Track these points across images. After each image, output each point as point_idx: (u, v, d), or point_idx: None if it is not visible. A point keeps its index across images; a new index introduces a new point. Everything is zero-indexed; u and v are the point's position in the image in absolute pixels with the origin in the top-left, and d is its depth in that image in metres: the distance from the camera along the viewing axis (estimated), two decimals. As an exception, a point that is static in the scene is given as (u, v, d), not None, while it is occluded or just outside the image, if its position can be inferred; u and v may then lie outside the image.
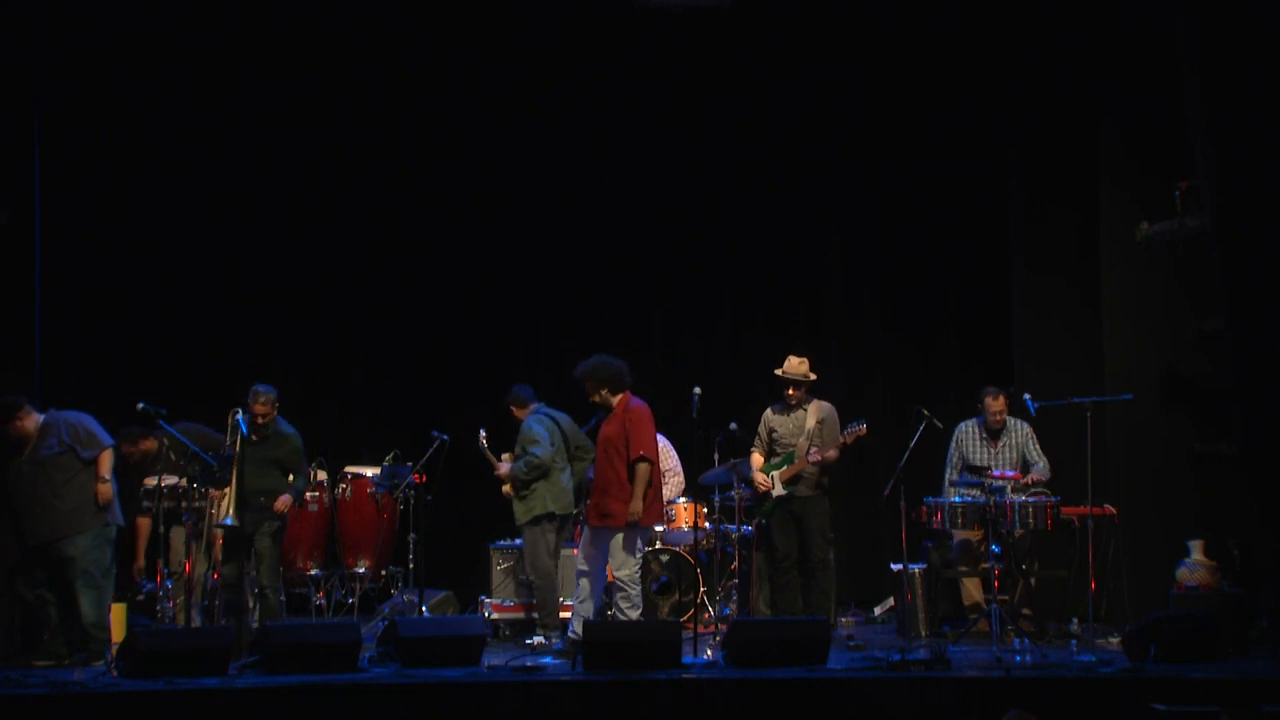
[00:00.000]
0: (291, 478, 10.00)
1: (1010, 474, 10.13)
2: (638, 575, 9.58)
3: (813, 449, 10.19)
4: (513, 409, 10.49)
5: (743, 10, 11.35)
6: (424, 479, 10.43)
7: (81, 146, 11.30)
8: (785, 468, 10.25)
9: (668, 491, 10.89)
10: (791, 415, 10.37)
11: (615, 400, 9.67)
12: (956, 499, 10.07)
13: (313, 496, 10.66)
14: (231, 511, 9.48)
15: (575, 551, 10.63)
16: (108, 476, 9.40)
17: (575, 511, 10.33)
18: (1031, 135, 11.54)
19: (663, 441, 10.81)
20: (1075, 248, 11.29)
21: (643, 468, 9.42)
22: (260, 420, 9.80)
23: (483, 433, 10.67)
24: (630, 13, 11.23)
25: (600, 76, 12.16)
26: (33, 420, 9.37)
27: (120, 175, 11.63)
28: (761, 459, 10.47)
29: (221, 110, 11.80)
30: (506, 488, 10.56)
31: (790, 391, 10.33)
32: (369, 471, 10.90)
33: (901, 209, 12.40)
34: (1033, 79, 11.43)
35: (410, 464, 10.53)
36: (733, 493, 10.68)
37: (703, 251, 12.54)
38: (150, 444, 10.02)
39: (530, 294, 12.46)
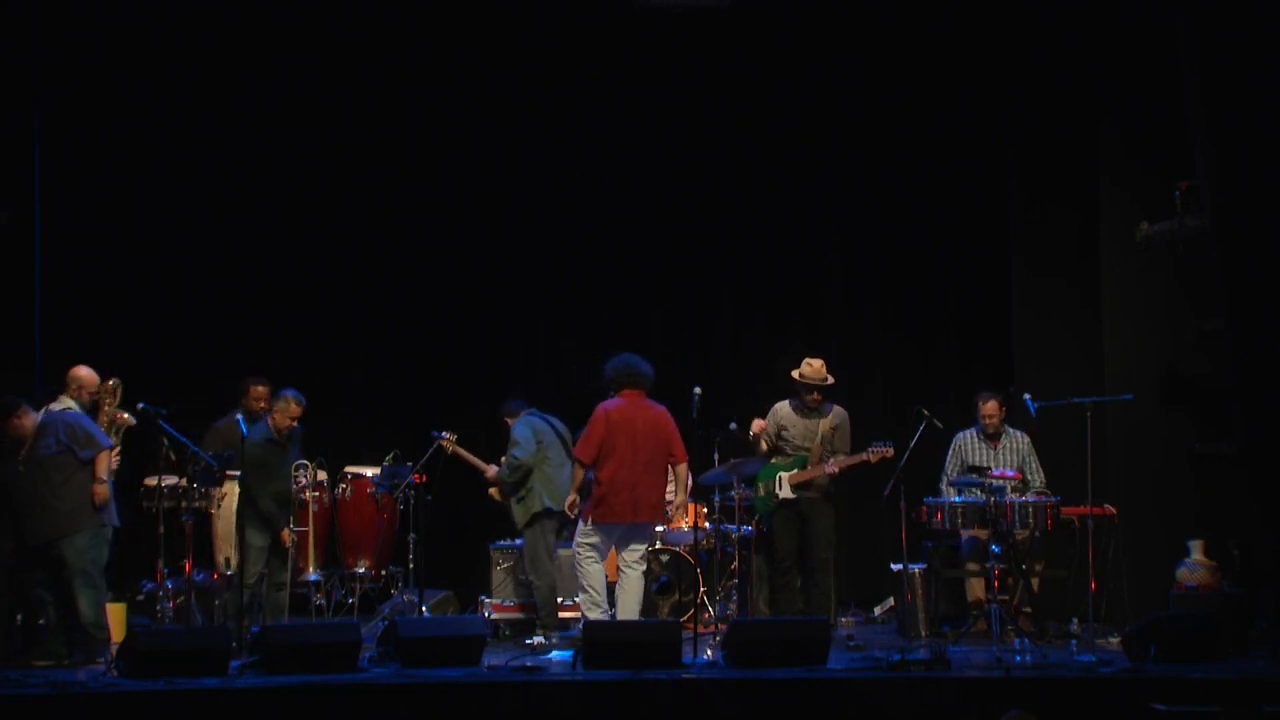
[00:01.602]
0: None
1: (1010, 474, 10.13)
2: (582, 569, 9.63)
3: (831, 459, 10.18)
4: (506, 420, 10.60)
5: (743, 10, 11.35)
6: (424, 479, 10.44)
7: (81, 146, 11.30)
8: (796, 471, 10.24)
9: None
10: (808, 418, 10.33)
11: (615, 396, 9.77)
12: (957, 499, 10.08)
13: (313, 497, 10.65)
14: (313, 568, 10.03)
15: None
16: (105, 477, 9.38)
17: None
18: (1031, 135, 11.54)
19: None
20: (1075, 248, 11.28)
21: (685, 468, 9.68)
22: (293, 423, 9.85)
23: (444, 434, 10.69)
24: (630, 13, 11.23)
25: (600, 76, 12.15)
26: (30, 419, 9.36)
27: (120, 175, 11.62)
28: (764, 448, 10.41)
29: (221, 110, 11.80)
30: (493, 491, 10.60)
31: (814, 396, 10.29)
32: (369, 471, 10.90)
33: (901, 209, 12.40)
34: (1033, 79, 11.43)
35: (410, 464, 10.53)
36: (733, 493, 10.67)
37: (703, 251, 12.54)
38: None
39: (530, 294, 12.46)
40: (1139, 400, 10.31)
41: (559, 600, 10.33)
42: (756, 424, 10.62)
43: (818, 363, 10.31)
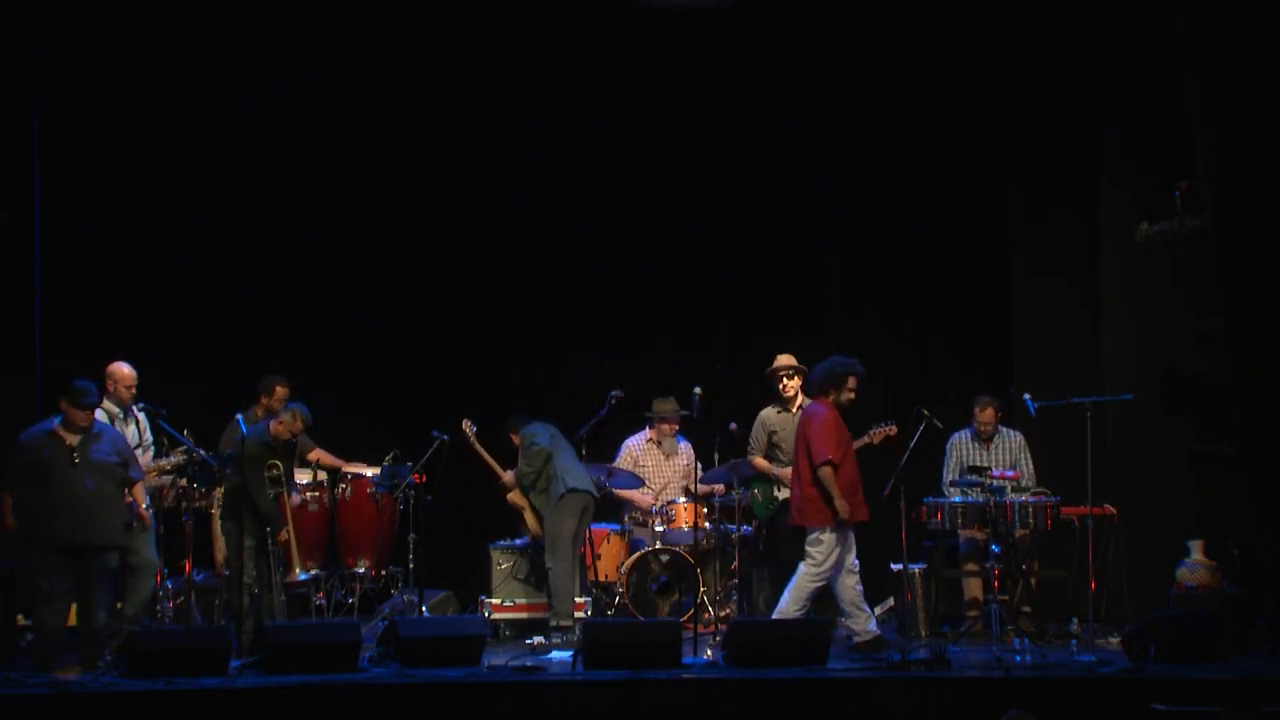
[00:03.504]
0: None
1: (1010, 474, 10.14)
2: (844, 582, 9.46)
3: None
4: (512, 436, 10.76)
5: (743, 10, 11.35)
6: (424, 479, 10.44)
7: (81, 146, 11.29)
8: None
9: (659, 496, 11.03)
10: (792, 419, 10.35)
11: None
12: (957, 499, 10.08)
13: (313, 496, 10.65)
14: (299, 566, 9.81)
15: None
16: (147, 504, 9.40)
17: (596, 495, 10.55)
18: (1031, 135, 11.55)
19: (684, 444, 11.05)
20: (1075, 248, 11.29)
21: (824, 471, 9.36)
22: (292, 438, 9.88)
23: (468, 424, 10.72)
24: (630, 13, 11.23)
25: (600, 76, 12.15)
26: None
27: (120, 175, 11.61)
28: (768, 463, 10.44)
29: (221, 110, 11.79)
30: (513, 495, 10.61)
31: (788, 385, 10.31)
32: (369, 471, 10.90)
33: (901, 209, 12.39)
34: (1033, 79, 11.43)
35: (410, 464, 10.53)
36: (733, 493, 10.67)
37: (703, 251, 12.53)
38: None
39: (530, 294, 12.45)
40: (1139, 400, 10.32)
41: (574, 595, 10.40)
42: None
43: (782, 356, 10.39)
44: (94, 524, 8.97)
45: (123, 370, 9.74)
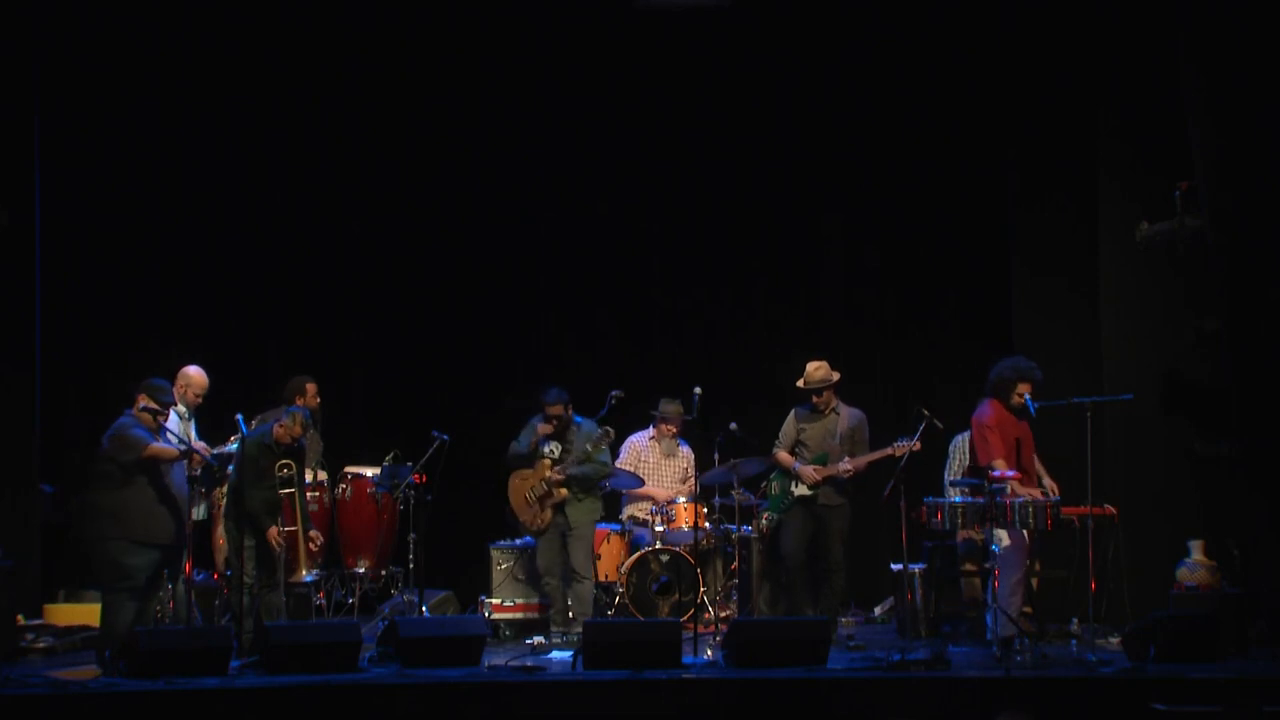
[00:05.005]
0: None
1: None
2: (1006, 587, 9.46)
3: (845, 459, 10.20)
4: (560, 409, 10.50)
5: (744, 10, 11.36)
6: (424, 479, 10.43)
7: (81, 146, 11.30)
8: (815, 466, 10.27)
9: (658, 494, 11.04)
10: (822, 420, 10.36)
11: None
12: (957, 499, 10.06)
13: (313, 496, 10.64)
14: (305, 569, 9.65)
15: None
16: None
17: None
18: (1031, 135, 11.54)
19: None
20: (1075, 248, 11.29)
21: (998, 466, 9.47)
22: (292, 442, 9.88)
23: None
24: (630, 13, 11.23)
25: (600, 77, 12.16)
26: None
27: (120, 175, 11.63)
28: (791, 458, 10.45)
29: (222, 110, 11.80)
30: (562, 491, 10.46)
31: (819, 399, 10.34)
32: (369, 471, 10.90)
33: (902, 209, 12.40)
34: (1033, 79, 11.43)
35: (410, 464, 10.53)
36: (733, 493, 10.66)
37: (703, 251, 12.54)
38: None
39: (531, 293, 12.46)
40: (1139, 400, 10.30)
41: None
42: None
43: (813, 365, 10.35)
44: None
45: (198, 375, 9.87)
